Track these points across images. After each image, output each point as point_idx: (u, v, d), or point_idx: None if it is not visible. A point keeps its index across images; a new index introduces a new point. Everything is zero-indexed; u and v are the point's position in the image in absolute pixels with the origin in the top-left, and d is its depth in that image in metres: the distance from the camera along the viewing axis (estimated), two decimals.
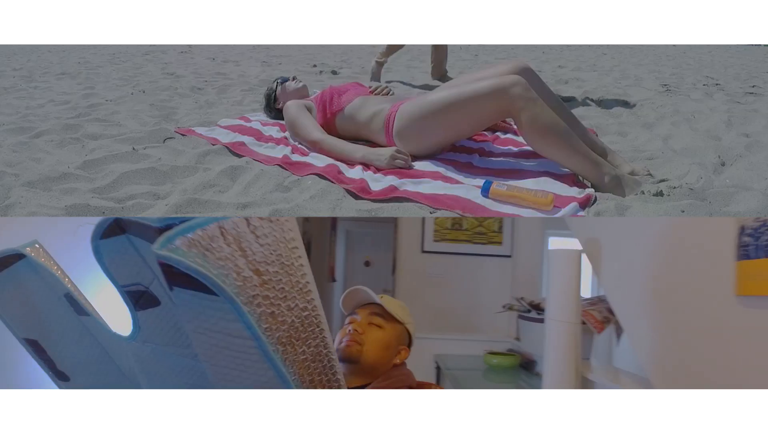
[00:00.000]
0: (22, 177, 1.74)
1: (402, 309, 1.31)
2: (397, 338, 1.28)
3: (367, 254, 6.66)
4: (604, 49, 7.89)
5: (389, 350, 1.25)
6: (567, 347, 1.60)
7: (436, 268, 3.42)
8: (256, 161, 1.92)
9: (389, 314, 1.27)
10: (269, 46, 7.41)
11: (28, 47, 7.34)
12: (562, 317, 1.60)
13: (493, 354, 2.71)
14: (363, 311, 1.28)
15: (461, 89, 1.77)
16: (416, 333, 1.35)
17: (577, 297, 1.61)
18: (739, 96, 3.59)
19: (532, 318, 2.50)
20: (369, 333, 1.24)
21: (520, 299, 2.62)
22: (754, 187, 1.69)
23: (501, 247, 3.40)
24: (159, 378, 0.77)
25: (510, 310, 2.72)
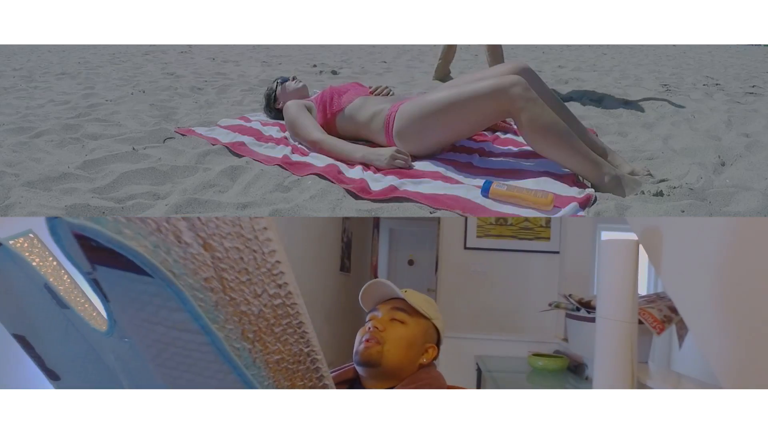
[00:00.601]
0: (22, 177, 1.74)
1: (428, 303, 1.19)
2: (422, 335, 1.15)
3: (411, 253, 6.52)
4: (604, 49, 7.89)
5: (414, 349, 1.12)
6: (621, 349, 1.41)
7: (479, 265, 3.28)
8: (256, 161, 1.92)
9: (413, 308, 1.15)
10: (269, 46, 7.41)
11: (28, 47, 7.34)
12: (615, 315, 1.41)
13: (538, 356, 2.52)
14: (384, 307, 1.15)
15: (461, 89, 1.77)
16: (456, 333, 1.27)
17: (634, 292, 1.42)
18: (739, 96, 3.59)
19: (582, 317, 2.30)
20: (390, 330, 1.12)
21: (567, 296, 2.42)
22: (754, 187, 1.69)
23: (549, 243, 3.23)
24: (139, 377, 0.71)
25: (557, 309, 2.52)
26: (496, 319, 3.20)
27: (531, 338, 2.97)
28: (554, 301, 2.55)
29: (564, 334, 2.81)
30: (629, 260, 1.41)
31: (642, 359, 1.83)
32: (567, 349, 2.68)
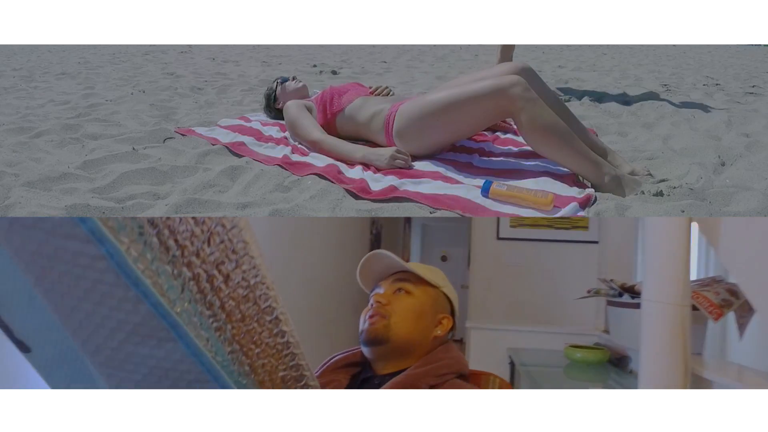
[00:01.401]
0: (22, 177, 1.74)
1: (434, 272, 1.09)
2: (432, 304, 1.05)
3: (444, 249, 6.35)
4: (604, 49, 7.89)
5: (424, 320, 1.02)
6: (671, 336, 1.21)
7: (513, 257, 3.16)
8: (256, 161, 1.92)
9: (418, 277, 1.05)
10: (269, 46, 7.41)
11: (28, 47, 7.34)
12: (665, 297, 1.22)
13: (576, 347, 2.32)
14: (386, 282, 1.06)
15: (461, 89, 1.77)
16: (487, 324, 1.21)
17: (686, 272, 1.24)
18: (739, 96, 3.60)
19: (625, 303, 2.07)
20: (395, 303, 1.02)
21: (608, 281, 2.19)
22: (754, 187, 1.69)
23: (587, 232, 3.08)
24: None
25: (596, 295, 2.31)
26: (530, 311, 3.06)
27: (568, 330, 2.82)
28: (593, 288, 2.37)
29: (605, 325, 2.64)
30: (681, 236, 1.24)
31: (695, 351, 1.64)
32: (608, 341, 2.48)
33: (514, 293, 3.11)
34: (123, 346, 0.52)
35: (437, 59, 5.82)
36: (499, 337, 2.86)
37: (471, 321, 3.10)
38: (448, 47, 7.33)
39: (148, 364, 0.54)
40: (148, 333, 0.51)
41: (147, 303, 0.48)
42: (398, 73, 4.61)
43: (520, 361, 2.38)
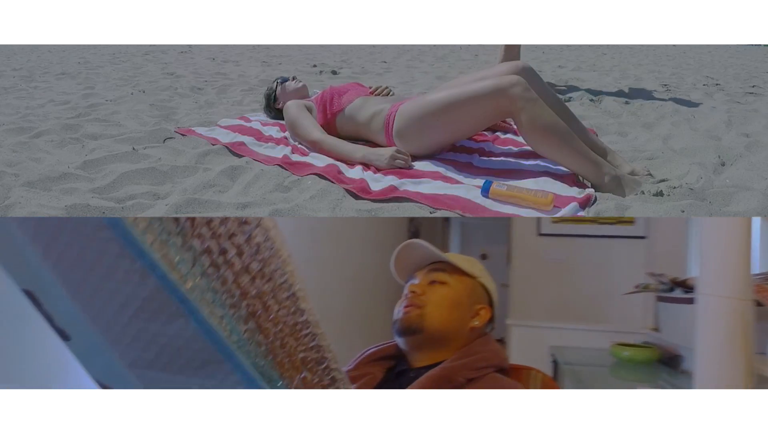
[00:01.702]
0: (22, 177, 1.74)
1: (471, 262, 1.07)
2: (468, 294, 1.02)
3: (484, 246, 6.06)
4: (604, 49, 7.89)
5: (459, 309, 1.00)
6: (730, 333, 1.12)
7: (555, 253, 3.04)
8: (256, 161, 1.92)
9: (453, 267, 1.03)
10: (269, 46, 7.42)
11: (28, 47, 7.34)
12: (723, 291, 1.13)
13: (623, 345, 2.19)
14: (421, 272, 1.05)
15: (461, 89, 1.77)
16: (528, 321, 1.17)
17: (747, 264, 1.15)
18: (739, 96, 3.60)
19: (677, 298, 1.95)
20: (430, 292, 1.00)
21: (658, 275, 2.07)
22: (754, 187, 1.69)
23: (633, 227, 2.92)
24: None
25: (645, 291, 2.19)
26: (573, 308, 2.93)
27: (614, 328, 2.67)
28: (642, 282, 2.25)
29: (654, 323, 2.51)
30: (741, 226, 1.14)
31: (760, 350, 1.52)
32: (659, 339, 2.33)
33: (556, 290, 2.99)
34: (133, 322, 0.51)
35: (437, 59, 5.83)
36: (541, 335, 2.76)
37: (512, 318, 3.00)
38: (448, 47, 7.33)
39: (160, 342, 0.53)
40: (157, 308, 0.50)
41: (154, 276, 0.47)
42: (398, 73, 4.61)
43: (564, 360, 2.26)
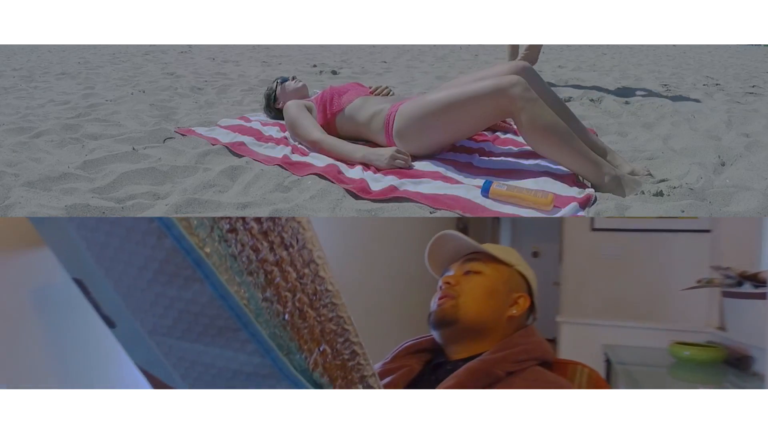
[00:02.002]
0: (22, 177, 1.74)
1: (507, 251, 1.04)
2: (505, 283, 0.99)
3: (535, 244, 5.87)
4: (604, 49, 7.89)
5: (496, 298, 0.97)
6: None
7: (610, 248, 2.90)
8: (256, 161, 1.92)
9: (489, 256, 1.00)
10: (269, 46, 7.42)
11: (28, 47, 7.34)
12: None
13: (683, 344, 2.04)
14: (456, 264, 1.03)
15: (461, 89, 1.77)
16: (579, 318, 1.11)
17: None
18: (739, 96, 3.60)
19: (747, 293, 1.82)
20: (464, 283, 0.98)
21: (724, 269, 1.95)
22: (754, 187, 1.69)
23: (697, 220, 2.72)
24: None
25: (709, 286, 2.05)
26: (629, 306, 2.78)
27: (674, 326, 2.52)
28: (704, 277, 2.11)
29: (719, 322, 2.34)
30: None
31: None
32: (725, 339, 2.18)
33: (611, 287, 2.85)
34: (151, 287, 0.52)
35: (437, 59, 5.83)
36: (593, 333, 2.65)
37: (562, 316, 2.91)
38: (448, 47, 7.34)
39: (177, 307, 0.53)
40: (174, 271, 0.50)
41: (170, 236, 0.47)
42: (398, 73, 4.61)
43: (618, 359, 2.13)
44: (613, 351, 2.30)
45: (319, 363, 0.58)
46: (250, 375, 0.56)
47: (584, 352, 2.61)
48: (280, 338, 0.57)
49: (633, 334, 2.59)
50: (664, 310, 2.72)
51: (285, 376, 0.55)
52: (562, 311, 2.97)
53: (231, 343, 0.55)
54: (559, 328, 2.91)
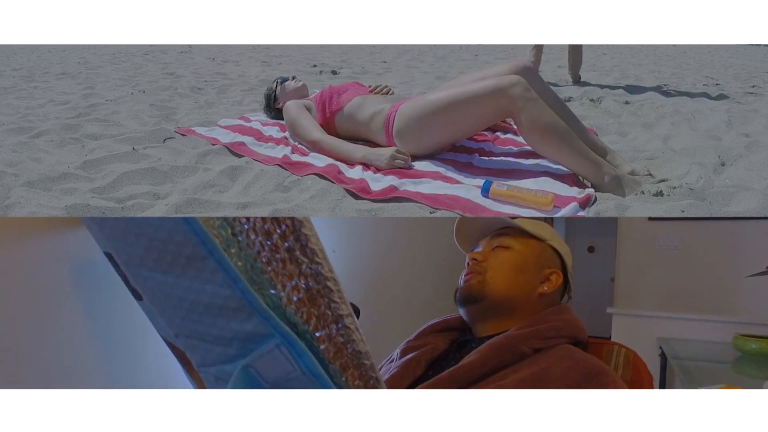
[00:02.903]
0: (22, 177, 1.74)
1: (540, 226, 0.99)
2: (535, 258, 0.95)
3: (591, 239, 5.75)
4: (604, 49, 7.89)
5: (525, 274, 0.93)
6: None
7: (668, 239, 2.79)
8: (256, 161, 1.92)
9: (520, 230, 0.96)
10: (269, 46, 7.42)
11: (28, 47, 7.34)
12: None
13: (749, 337, 1.93)
14: (485, 240, 0.99)
15: (461, 89, 1.77)
16: (632, 310, 1.03)
17: None
18: (739, 96, 3.59)
19: None
20: (492, 258, 0.94)
21: None
22: (754, 187, 1.69)
23: None
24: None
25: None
26: (688, 298, 2.65)
27: (737, 319, 2.39)
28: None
29: None
30: None
31: None
32: None
33: (669, 279, 2.73)
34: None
35: (437, 59, 5.83)
36: (648, 325, 2.52)
37: (614, 307, 2.79)
38: (448, 47, 7.33)
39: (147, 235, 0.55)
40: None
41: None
42: (398, 73, 4.61)
43: (674, 354, 2.02)
44: (669, 345, 2.15)
45: (293, 300, 0.59)
46: (222, 309, 0.56)
47: (637, 347, 2.44)
48: (252, 271, 0.57)
49: (691, 327, 2.45)
50: (727, 301, 2.56)
51: (255, 310, 0.55)
52: (616, 303, 2.83)
53: (200, 274, 0.55)
54: (611, 321, 2.74)
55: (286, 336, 0.56)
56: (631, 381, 0.91)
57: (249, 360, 0.57)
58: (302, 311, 0.59)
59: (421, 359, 0.93)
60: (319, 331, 0.59)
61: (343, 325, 0.61)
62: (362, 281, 2.00)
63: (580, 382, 0.80)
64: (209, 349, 0.59)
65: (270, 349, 0.56)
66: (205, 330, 0.58)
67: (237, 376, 0.57)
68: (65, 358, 0.85)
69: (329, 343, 0.60)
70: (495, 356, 0.85)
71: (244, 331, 0.56)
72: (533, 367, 0.83)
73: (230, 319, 0.56)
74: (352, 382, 0.61)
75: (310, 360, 0.57)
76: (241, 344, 0.57)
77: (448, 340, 0.98)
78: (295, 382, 0.58)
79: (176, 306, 0.58)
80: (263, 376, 0.57)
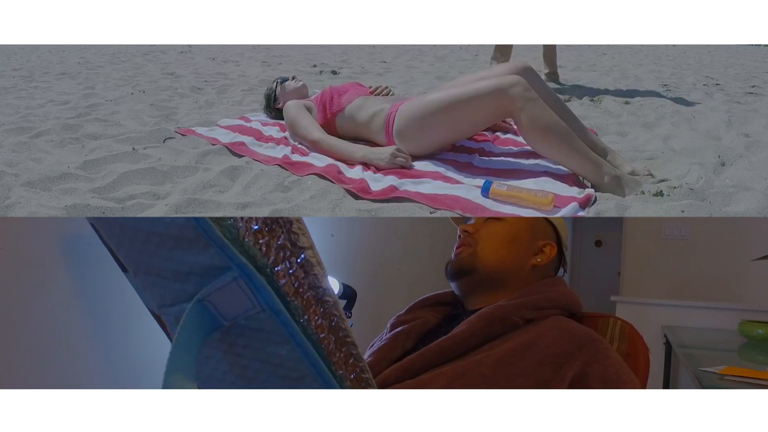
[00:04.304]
0: (22, 177, 1.74)
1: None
2: (528, 229, 0.92)
3: (598, 233, 5.67)
4: (604, 49, 7.89)
5: (518, 245, 0.91)
6: None
7: (674, 229, 2.77)
8: (256, 161, 1.92)
9: None
10: (269, 46, 7.42)
11: (28, 47, 7.34)
12: None
13: (755, 323, 1.88)
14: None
15: (461, 89, 1.77)
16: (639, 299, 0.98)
17: None
18: (739, 96, 3.59)
19: None
20: (483, 230, 0.93)
21: None
22: (754, 187, 1.69)
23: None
24: None
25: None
26: (694, 287, 2.60)
27: (742, 306, 2.35)
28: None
29: None
30: None
31: None
32: None
33: (675, 268, 2.69)
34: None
35: (437, 59, 5.83)
36: (652, 313, 2.46)
37: (618, 295, 2.74)
38: (448, 47, 7.33)
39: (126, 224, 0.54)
40: None
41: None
42: (398, 73, 4.61)
43: (679, 342, 1.95)
44: (673, 332, 2.09)
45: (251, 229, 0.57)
46: (177, 239, 0.54)
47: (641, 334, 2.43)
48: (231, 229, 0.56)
49: (696, 315, 2.39)
50: (734, 289, 2.52)
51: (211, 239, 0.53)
52: (621, 291, 2.79)
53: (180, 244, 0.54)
54: (615, 309, 2.70)
55: (244, 268, 0.54)
56: (626, 354, 0.90)
57: (204, 293, 0.54)
58: (261, 243, 0.56)
59: (410, 332, 0.92)
60: (279, 264, 0.57)
61: (304, 258, 0.58)
62: (362, 266, 1.99)
63: (571, 350, 0.78)
64: (168, 287, 0.57)
65: (227, 281, 0.54)
66: (162, 264, 0.56)
67: (191, 311, 0.54)
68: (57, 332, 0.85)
69: (290, 277, 0.57)
70: (485, 326, 0.83)
71: (201, 263, 0.54)
72: (524, 336, 0.81)
73: (186, 251, 0.54)
74: (314, 320, 0.59)
75: (270, 295, 0.55)
76: (199, 279, 0.55)
77: (440, 314, 0.96)
78: (254, 321, 0.55)
79: (131, 238, 0.56)
80: (221, 311, 0.55)
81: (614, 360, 0.79)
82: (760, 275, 2.35)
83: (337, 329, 0.61)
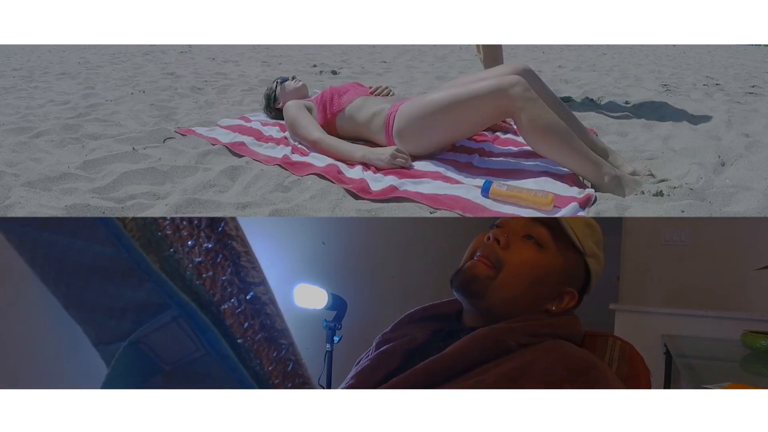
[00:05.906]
0: (22, 177, 1.74)
1: (587, 232, 0.85)
2: (561, 273, 0.84)
3: None
4: (604, 49, 7.89)
5: (542, 287, 0.83)
6: None
7: (674, 234, 2.69)
8: (256, 161, 1.92)
9: (564, 232, 0.83)
10: (269, 46, 7.42)
11: (28, 47, 7.34)
12: None
13: (758, 334, 1.82)
14: (521, 220, 0.85)
15: (461, 89, 1.77)
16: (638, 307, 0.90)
17: None
18: (739, 96, 3.60)
19: None
20: (516, 250, 0.82)
21: None
22: (754, 187, 1.69)
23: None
24: None
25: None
26: (695, 294, 2.53)
27: (746, 316, 2.29)
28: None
29: None
30: None
31: None
32: None
33: (675, 275, 2.62)
34: None
35: (437, 59, 5.83)
36: (652, 322, 2.41)
37: (616, 303, 2.69)
38: (448, 47, 7.33)
39: None
40: None
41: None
42: (398, 73, 4.61)
43: (679, 352, 1.90)
44: (674, 342, 2.05)
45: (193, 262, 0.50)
46: (108, 272, 0.48)
47: (640, 344, 2.30)
48: (144, 228, 0.49)
49: (697, 324, 2.33)
50: (736, 297, 2.45)
51: (145, 273, 0.47)
52: (620, 300, 2.74)
53: (78, 230, 0.48)
54: (613, 318, 2.65)
55: (185, 306, 0.48)
56: (626, 377, 0.85)
57: (139, 334, 0.48)
58: (205, 278, 0.50)
59: (395, 351, 0.86)
60: (226, 302, 0.50)
61: (254, 295, 0.52)
62: (354, 274, 1.99)
63: (566, 378, 0.73)
64: (102, 323, 0.51)
65: (165, 321, 0.48)
66: (94, 299, 0.50)
67: (123, 355, 0.48)
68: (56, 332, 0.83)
69: (237, 317, 0.51)
70: (476, 349, 0.78)
71: (136, 299, 0.48)
72: (517, 360, 0.76)
73: (119, 285, 0.48)
74: (267, 366, 0.53)
75: (215, 337, 0.49)
76: (136, 316, 0.49)
77: (428, 330, 0.90)
78: (198, 365, 0.49)
79: (58, 269, 0.50)
80: (159, 354, 0.48)
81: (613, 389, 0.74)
82: (764, 284, 2.29)
83: (293, 375, 0.55)
